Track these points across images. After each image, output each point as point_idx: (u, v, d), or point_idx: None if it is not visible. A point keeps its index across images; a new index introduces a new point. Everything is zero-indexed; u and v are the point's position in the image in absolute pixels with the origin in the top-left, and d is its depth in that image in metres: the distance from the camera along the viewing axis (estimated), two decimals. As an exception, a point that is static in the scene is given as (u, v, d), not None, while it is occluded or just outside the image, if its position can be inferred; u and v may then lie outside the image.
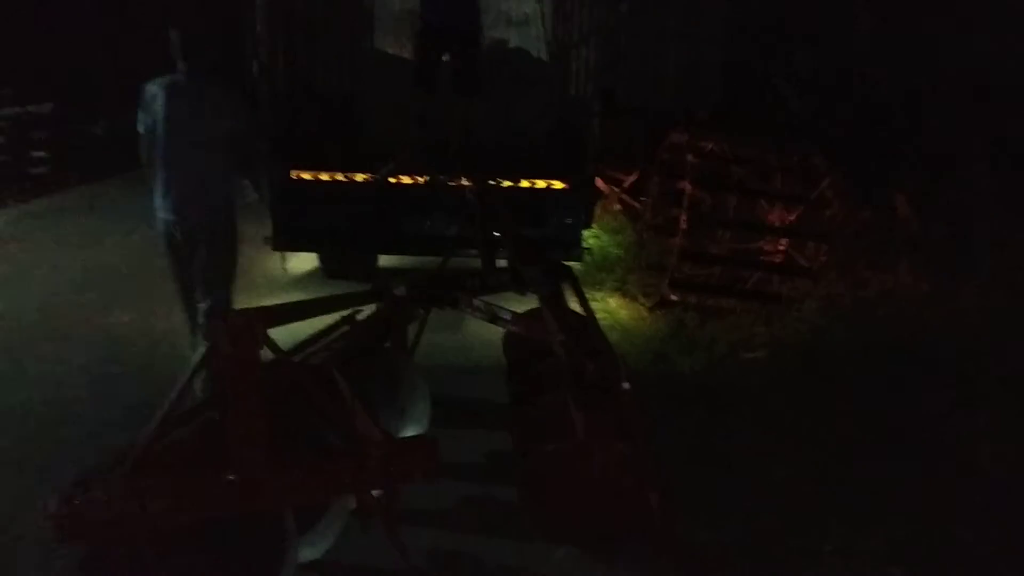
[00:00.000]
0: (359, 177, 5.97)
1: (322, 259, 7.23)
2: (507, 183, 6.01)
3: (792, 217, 6.54)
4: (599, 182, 9.63)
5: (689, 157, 6.34)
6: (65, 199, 11.77)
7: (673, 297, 6.38)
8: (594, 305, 6.71)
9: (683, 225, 6.20)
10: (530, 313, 4.25)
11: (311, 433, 2.71)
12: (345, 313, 4.01)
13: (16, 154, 12.42)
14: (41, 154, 12.95)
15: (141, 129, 4.56)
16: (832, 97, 9.14)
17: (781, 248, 6.55)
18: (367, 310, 4.06)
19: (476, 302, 4.30)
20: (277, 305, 3.06)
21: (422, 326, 4.77)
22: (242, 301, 5.24)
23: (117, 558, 2.36)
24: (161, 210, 4.55)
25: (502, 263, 4.74)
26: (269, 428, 2.34)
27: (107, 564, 2.37)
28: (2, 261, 7.98)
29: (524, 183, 6.05)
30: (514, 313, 4.10)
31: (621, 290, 7.08)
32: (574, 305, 4.33)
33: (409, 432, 4.06)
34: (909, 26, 8.68)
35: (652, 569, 3.17)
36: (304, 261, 7.52)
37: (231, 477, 2.32)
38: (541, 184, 6.05)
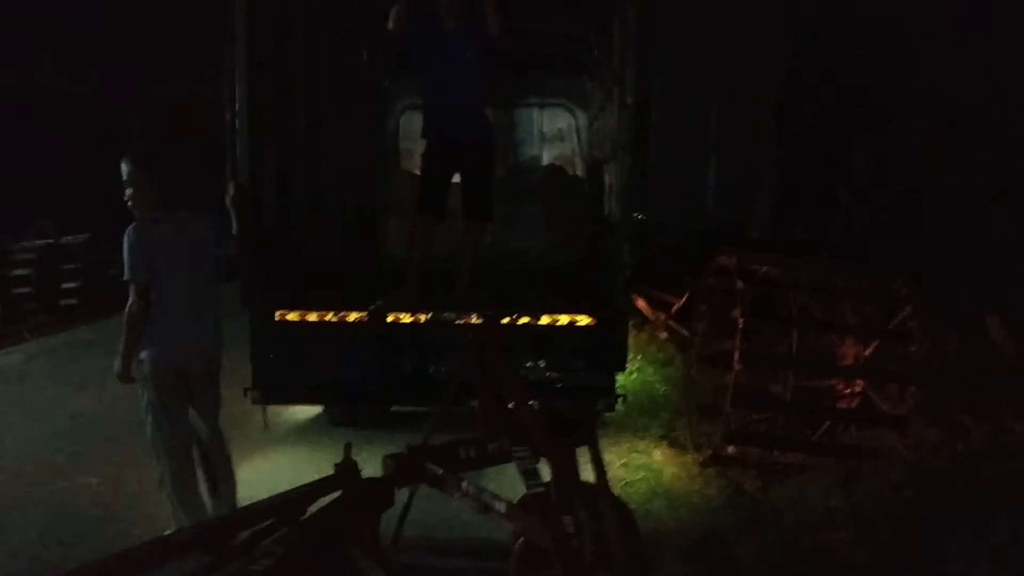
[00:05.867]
0: (352, 317, 5.15)
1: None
2: (524, 319, 5.12)
3: (868, 352, 5.50)
4: (642, 305, 8.73)
5: (739, 283, 5.40)
6: (91, 332, 11.37)
7: (729, 450, 5.34)
8: (636, 459, 5.73)
9: (736, 364, 5.20)
10: (535, 500, 3.28)
11: None
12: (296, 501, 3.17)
13: (45, 286, 12.13)
14: (73, 285, 12.68)
15: (130, 276, 4.23)
16: (902, 207, 8.15)
17: (856, 390, 5.48)
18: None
19: (465, 484, 3.38)
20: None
21: (405, 512, 3.84)
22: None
23: None
24: (162, 355, 4.25)
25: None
26: None
27: None
28: (-6, 406, 7.41)
29: (544, 319, 5.15)
30: (511, 504, 3.16)
31: (668, 438, 6.04)
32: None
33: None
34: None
35: None
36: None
37: None
38: (564, 320, 5.14)
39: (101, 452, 6.01)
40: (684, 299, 8.27)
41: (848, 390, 5.54)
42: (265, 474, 5.46)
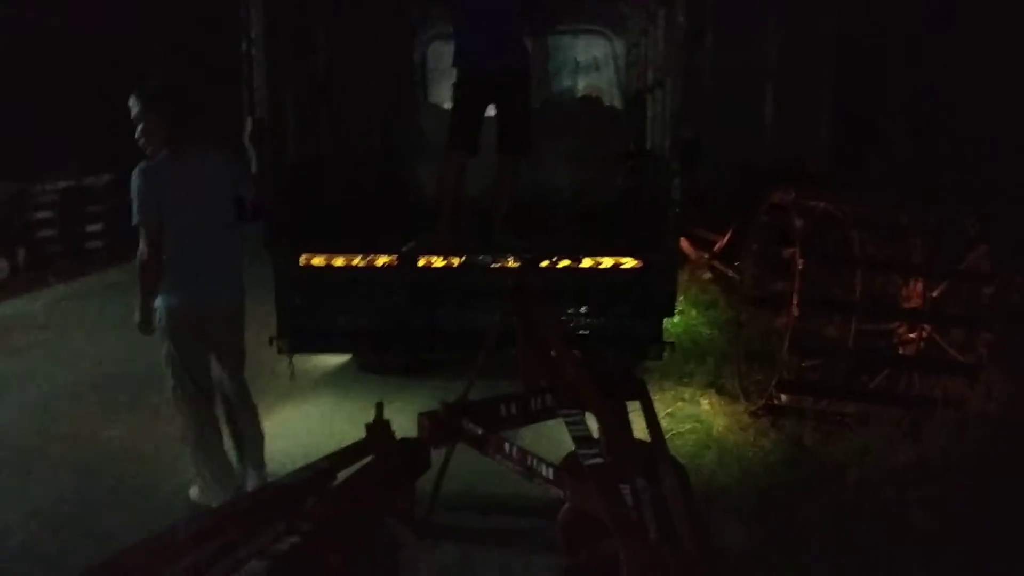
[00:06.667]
0: (381, 261, 4.84)
1: (355, 350, 6.11)
2: (564, 262, 4.78)
3: (935, 295, 5.10)
4: (684, 243, 8.33)
5: (797, 221, 5.01)
6: (117, 276, 11.19)
7: (783, 398, 5.01)
8: (683, 408, 5.41)
9: (794, 309, 4.84)
10: (591, 469, 2.95)
11: None
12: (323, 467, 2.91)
13: (68, 229, 11.93)
14: (97, 228, 12.49)
15: (139, 220, 3.91)
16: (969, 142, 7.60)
17: (922, 336, 5.10)
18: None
19: (507, 445, 3.10)
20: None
21: (441, 474, 3.58)
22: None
23: None
24: (179, 304, 3.96)
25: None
26: None
27: None
28: (17, 352, 7.27)
29: (586, 261, 4.80)
30: (559, 470, 2.87)
31: (715, 385, 5.71)
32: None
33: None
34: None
35: None
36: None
37: None
38: (608, 262, 4.78)
39: (126, 402, 5.82)
40: (728, 237, 7.88)
41: (912, 335, 5.16)
42: (293, 426, 5.24)
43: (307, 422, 5.35)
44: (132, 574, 2.04)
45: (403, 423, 3.26)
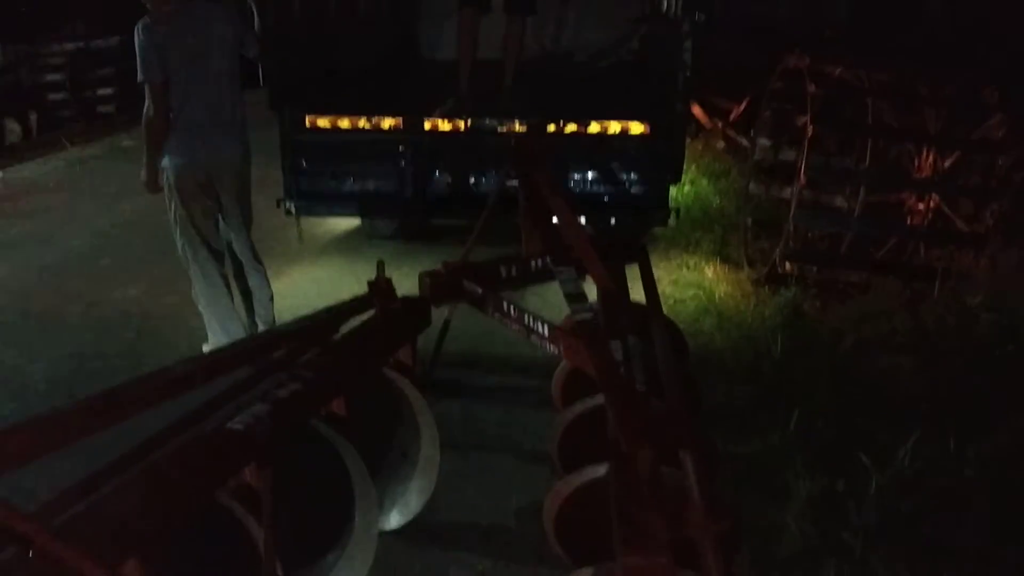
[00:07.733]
0: (387, 123, 4.80)
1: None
2: (571, 127, 4.73)
3: (947, 165, 5.03)
4: (698, 111, 8.19)
5: (810, 87, 4.90)
6: (130, 139, 11.16)
7: (787, 267, 5.05)
8: (687, 275, 5.47)
9: (801, 176, 4.81)
10: (581, 325, 3.03)
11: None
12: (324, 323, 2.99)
13: (78, 93, 11.81)
14: (108, 91, 12.35)
15: (143, 77, 3.88)
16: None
17: (931, 206, 5.06)
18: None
19: (506, 304, 3.16)
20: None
21: (443, 332, 3.67)
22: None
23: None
24: (185, 162, 3.98)
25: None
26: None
27: None
28: (32, 215, 7.36)
29: (593, 126, 4.74)
30: (553, 327, 2.94)
31: (721, 254, 5.74)
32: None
33: (412, 485, 3.03)
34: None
35: None
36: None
37: None
38: (615, 127, 4.73)
39: (141, 262, 5.93)
40: (743, 105, 7.73)
41: (921, 206, 5.13)
42: (303, 287, 5.34)
43: (316, 285, 5.45)
44: (135, 404, 2.12)
45: (410, 287, 3.34)
